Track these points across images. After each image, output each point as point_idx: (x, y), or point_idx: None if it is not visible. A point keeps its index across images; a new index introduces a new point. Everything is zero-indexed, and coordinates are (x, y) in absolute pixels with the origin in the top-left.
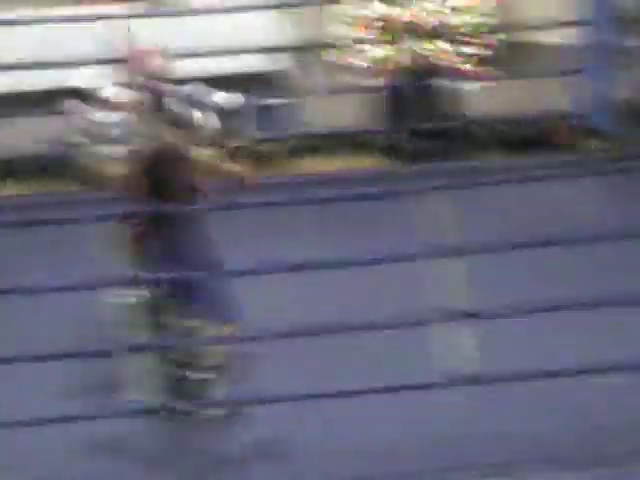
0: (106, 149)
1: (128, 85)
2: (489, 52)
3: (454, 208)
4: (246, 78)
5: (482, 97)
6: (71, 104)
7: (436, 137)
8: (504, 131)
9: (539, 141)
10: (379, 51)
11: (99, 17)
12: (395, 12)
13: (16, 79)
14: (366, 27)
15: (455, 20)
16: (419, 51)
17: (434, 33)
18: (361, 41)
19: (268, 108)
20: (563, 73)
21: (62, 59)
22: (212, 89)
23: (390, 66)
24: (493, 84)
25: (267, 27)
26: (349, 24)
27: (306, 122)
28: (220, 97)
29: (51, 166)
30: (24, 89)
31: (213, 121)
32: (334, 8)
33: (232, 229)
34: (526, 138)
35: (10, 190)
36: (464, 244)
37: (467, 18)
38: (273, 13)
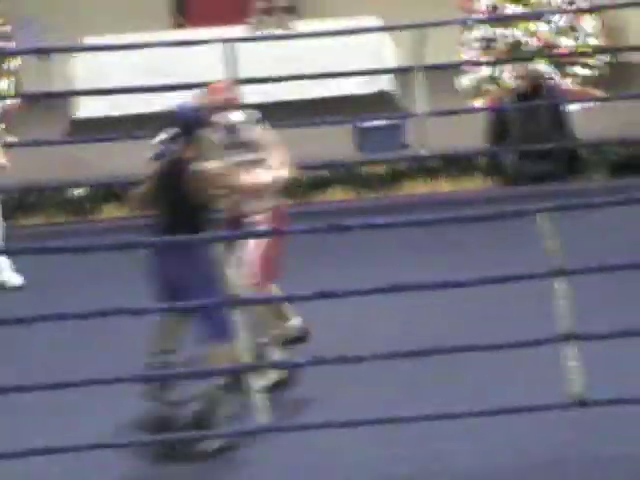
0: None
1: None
2: (594, 73)
3: (560, 230)
4: (352, 100)
5: (587, 118)
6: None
7: (542, 158)
8: (610, 152)
9: None
10: (485, 72)
11: (203, 41)
12: (500, 33)
13: (119, 103)
14: (471, 49)
15: (560, 41)
16: (524, 72)
17: (539, 54)
18: (466, 63)
19: (373, 130)
20: None
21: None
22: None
23: (495, 87)
24: (598, 105)
25: (372, 49)
26: (456, 46)
27: (411, 144)
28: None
29: None
30: (126, 113)
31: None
32: (440, 31)
33: (337, 251)
34: (632, 159)
35: (112, 213)
36: (570, 266)
37: (572, 39)
38: (379, 36)
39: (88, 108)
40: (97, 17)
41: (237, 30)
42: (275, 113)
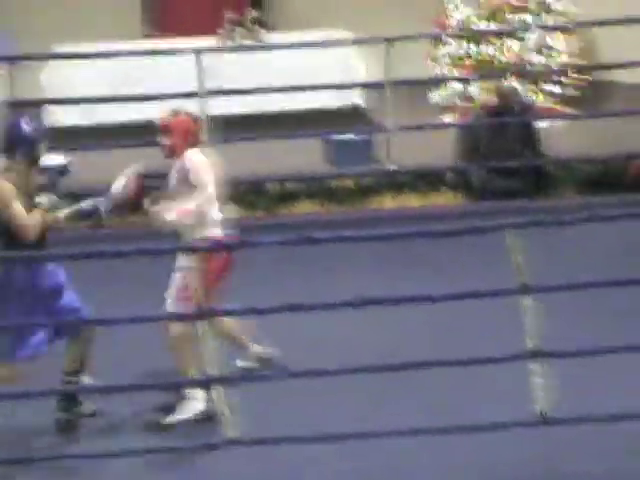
0: None
1: None
2: (569, 91)
3: (528, 246)
4: (322, 114)
5: (557, 135)
6: None
7: (511, 174)
8: (579, 170)
9: (615, 180)
10: (455, 88)
11: (172, 52)
12: (471, 49)
13: (88, 113)
14: (446, 64)
15: (537, 59)
16: (495, 88)
17: (515, 71)
18: (439, 78)
19: (343, 144)
20: None
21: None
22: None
23: (467, 103)
24: (568, 123)
25: (342, 63)
26: (432, 61)
27: (381, 159)
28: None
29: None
30: (96, 122)
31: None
32: (410, 44)
33: (305, 264)
34: (601, 177)
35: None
36: (537, 282)
37: (549, 57)
38: (349, 49)
39: (58, 117)
40: (69, 25)
41: (208, 41)
42: (245, 125)
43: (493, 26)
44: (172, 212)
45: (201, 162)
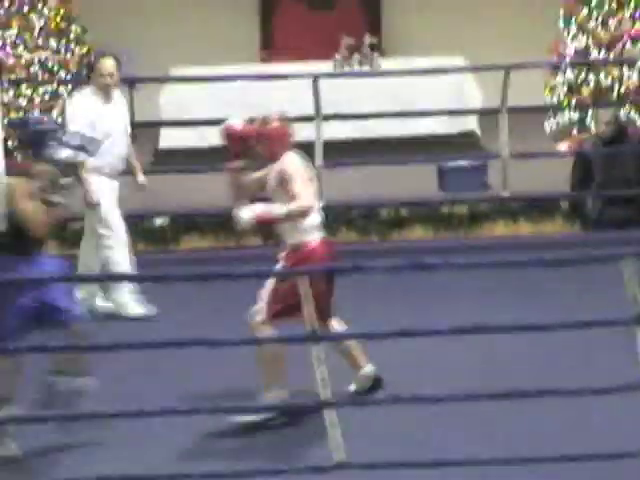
0: None
1: None
2: None
3: None
4: (435, 140)
5: None
6: None
7: (626, 204)
8: None
9: None
10: (570, 116)
11: (290, 76)
12: (586, 77)
13: (200, 135)
14: (563, 93)
15: None
16: (609, 117)
17: (624, 99)
18: (552, 105)
19: (455, 170)
20: None
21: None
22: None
23: (581, 131)
24: None
25: (456, 89)
26: (544, 88)
27: (494, 186)
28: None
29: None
30: (206, 145)
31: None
32: (532, 73)
33: (415, 290)
34: None
35: (190, 244)
36: None
37: None
38: (463, 75)
39: (172, 139)
40: (184, 48)
41: (322, 66)
42: (359, 150)
43: (611, 55)
44: (252, 211)
45: (297, 167)
